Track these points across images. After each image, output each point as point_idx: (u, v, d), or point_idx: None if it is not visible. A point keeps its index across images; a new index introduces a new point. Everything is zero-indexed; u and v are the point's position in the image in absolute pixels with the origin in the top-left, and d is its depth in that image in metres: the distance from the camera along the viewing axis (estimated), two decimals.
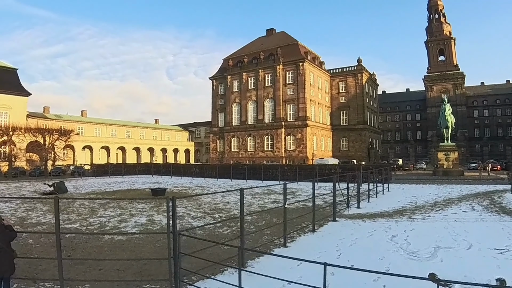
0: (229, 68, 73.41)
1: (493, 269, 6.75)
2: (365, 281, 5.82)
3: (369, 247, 8.65)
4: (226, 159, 70.31)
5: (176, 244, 5.53)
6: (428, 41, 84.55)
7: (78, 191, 23.05)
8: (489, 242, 8.87)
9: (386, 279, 5.81)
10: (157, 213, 14.00)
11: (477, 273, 6.36)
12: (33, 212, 13.75)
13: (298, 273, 6.21)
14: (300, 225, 11.14)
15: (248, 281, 5.51)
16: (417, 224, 11.62)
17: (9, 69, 51.03)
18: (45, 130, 40.87)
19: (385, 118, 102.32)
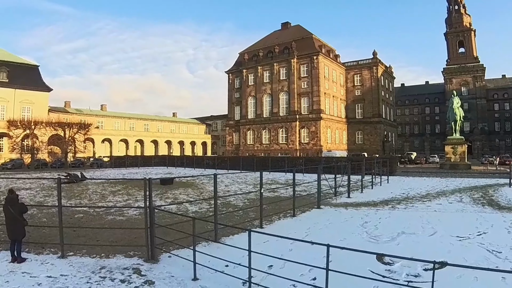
0: (245, 62, 74.37)
1: (442, 253, 7.39)
2: (317, 255, 6.68)
3: (337, 230, 9.65)
4: (242, 152, 71.58)
5: (151, 217, 6.77)
6: (447, 33, 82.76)
7: (93, 180, 24.79)
8: (455, 230, 9.48)
9: (337, 254, 6.68)
10: (160, 199, 15.37)
11: (425, 255, 6.83)
12: (50, 198, 15.41)
13: (261, 247, 7.24)
14: (284, 211, 12.22)
15: (217, 252, 6.65)
16: (396, 213, 12.45)
17: (31, 66, 53.69)
18: (65, 124, 43.27)
19: (404, 111, 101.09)
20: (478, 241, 8.37)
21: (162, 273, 6.21)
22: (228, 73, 79.23)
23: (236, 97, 77.03)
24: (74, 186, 20.34)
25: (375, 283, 5.39)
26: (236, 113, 77.12)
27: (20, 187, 19.07)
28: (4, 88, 48.26)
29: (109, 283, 5.71)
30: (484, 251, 7.63)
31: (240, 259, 6.13)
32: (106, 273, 6.20)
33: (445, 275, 5.78)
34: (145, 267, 6.50)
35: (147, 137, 70.99)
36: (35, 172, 31.71)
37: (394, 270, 6.42)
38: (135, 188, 19.34)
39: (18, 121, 44.24)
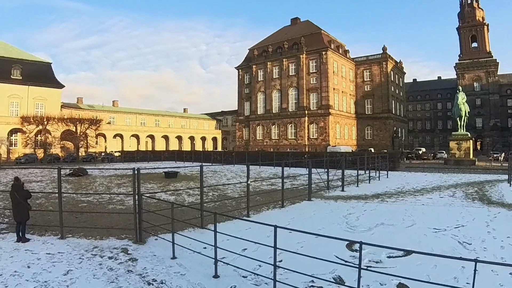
0: (254, 58, 74.85)
1: (413, 242, 7.80)
2: (291, 240, 7.31)
3: (319, 220, 10.27)
4: (252, 147, 72.25)
5: (139, 203, 7.54)
6: (460, 27, 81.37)
7: (102, 174, 25.86)
8: (434, 223, 9.84)
9: (312, 241, 7.29)
10: (161, 190, 16.21)
11: (395, 244, 7.11)
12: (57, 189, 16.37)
13: (242, 233, 7.88)
14: (274, 202, 12.89)
15: (200, 236, 7.35)
16: (382, 206, 12.92)
17: (44, 63, 55.36)
18: (77, 120, 44.75)
19: (415, 106, 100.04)
20: (453, 233, 8.70)
21: (146, 252, 6.99)
22: (238, 69, 79.81)
23: (246, 92, 77.62)
24: (83, 179, 21.41)
25: (335, 266, 5.85)
26: (246, 108, 77.72)
27: (32, 180, 20.22)
28: (18, 85, 49.94)
29: (98, 259, 6.50)
30: (455, 242, 7.97)
31: (220, 243, 6.78)
32: (98, 251, 7.01)
33: (407, 262, 6.34)
34: (132, 248, 7.29)
35: (158, 133, 72.34)
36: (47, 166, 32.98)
37: (359, 256, 6.93)
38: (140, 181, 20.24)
39: (31, 117, 45.89)
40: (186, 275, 5.78)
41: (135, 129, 68.33)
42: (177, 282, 5.49)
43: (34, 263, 6.28)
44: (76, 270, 5.97)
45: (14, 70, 50.31)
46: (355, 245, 7.31)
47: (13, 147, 48.22)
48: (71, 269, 5.98)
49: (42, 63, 55.07)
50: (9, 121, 47.83)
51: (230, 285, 5.37)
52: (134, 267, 6.13)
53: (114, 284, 5.36)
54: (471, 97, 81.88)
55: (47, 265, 6.20)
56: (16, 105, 49.96)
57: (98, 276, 5.71)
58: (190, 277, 5.67)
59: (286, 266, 5.64)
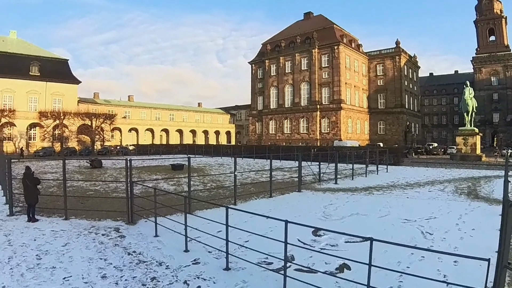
0: (267, 53, 75.54)
1: (378, 230, 8.35)
2: (263, 225, 8.14)
3: (299, 209, 11.19)
4: (264, 141, 73.22)
5: (131, 189, 8.69)
6: (477, 20, 79.56)
7: (114, 166, 27.37)
8: (408, 214, 10.38)
9: (281, 227, 8.17)
10: (165, 181, 17.43)
11: (361, 232, 7.54)
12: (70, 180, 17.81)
13: (223, 219, 8.88)
14: (264, 192, 13.88)
15: (193, 223, 8.36)
16: (366, 198, 13.68)
17: (61, 60, 57.64)
18: (92, 114, 46.76)
19: (431, 101, 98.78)
20: (421, 224, 9.22)
21: (134, 231, 8.16)
22: (251, 64, 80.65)
23: (259, 87, 78.48)
24: (95, 171, 22.92)
25: (292, 247, 6.26)
26: (259, 103, 78.64)
27: (47, 171, 21.89)
28: (36, 81, 52.29)
29: (93, 236, 7.72)
30: (418, 232, 8.51)
31: (201, 226, 7.78)
32: (94, 230, 8.23)
33: (361, 247, 6.92)
34: (124, 227, 8.48)
35: (172, 127, 74.13)
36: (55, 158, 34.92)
37: (319, 241, 7.72)
38: (147, 173, 21.62)
39: (48, 112, 48.17)
40: (161, 249, 6.90)
41: (150, 123, 70.29)
42: (152, 253, 6.61)
43: (39, 237, 7.53)
44: (73, 243, 7.18)
45: (32, 67, 52.61)
46: (319, 232, 8.21)
47: (32, 141, 50.74)
48: (69, 242, 7.20)
49: (59, 59, 57.36)
50: (28, 116, 50.18)
51: (195, 257, 6.42)
52: (121, 242, 7.30)
53: (101, 254, 6.52)
54: (488, 92, 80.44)
55: (50, 239, 7.44)
56: (34, 101, 52.29)
57: (90, 247, 6.90)
58: (164, 251, 6.78)
59: (250, 246, 6.44)
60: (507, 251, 3.35)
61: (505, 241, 3.32)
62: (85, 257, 6.34)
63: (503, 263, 3.31)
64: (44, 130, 47.02)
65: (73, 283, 5.21)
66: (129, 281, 5.29)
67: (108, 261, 6.14)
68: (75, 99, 56.36)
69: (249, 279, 5.46)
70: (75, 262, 6.08)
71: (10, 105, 49.39)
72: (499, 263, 3.33)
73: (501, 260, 3.31)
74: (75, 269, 5.74)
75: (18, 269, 5.71)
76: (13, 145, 45.28)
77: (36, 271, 5.66)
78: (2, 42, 53.76)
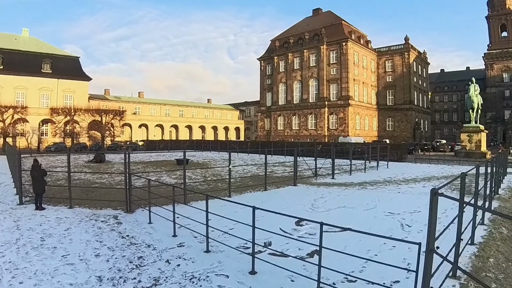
0: (276, 49, 75.85)
1: (359, 222, 8.74)
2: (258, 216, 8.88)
3: (289, 201, 11.76)
4: (273, 137, 73.72)
5: (129, 180, 9.43)
6: (489, 16, 78.17)
7: (121, 161, 28.29)
8: (394, 208, 10.71)
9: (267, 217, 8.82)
10: (167, 175, 18.22)
11: (343, 223, 7.72)
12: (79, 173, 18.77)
13: (218, 209, 9.33)
14: (259, 186, 14.52)
15: (181, 210, 9.06)
16: (358, 192, 14.15)
17: (72, 58, 59.13)
18: (102, 111, 47.97)
19: (442, 97, 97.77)
20: (403, 217, 9.58)
21: (131, 219, 8.92)
22: (260, 60, 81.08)
23: (267, 83, 78.92)
24: (103, 165, 23.89)
25: (272, 234, 6.81)
26: (267, 99, 79.10)
27: (57, 165, 22.90)
28: (48, 79, 53.81)
29: (93, 222, 8.50)
30: (398, 224, 8.94)
31: (193, 215, 8.41)
32: (95, 217, 9.03)
33: (338, 236, 7.54)
34: (122, 215, 9.24)
35: (182, 123, 75.23)
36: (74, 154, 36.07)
37: (299, 230, 8.29)
38: (153, 167, 22.48)
39: (59, 109, 49.59)
40: (152, 234, 7.62)
41: (159, 119, 71.52)
42: (143, 237, 7.34)
43: (45, 223, 8.35)
44: (74, 228, 7.97)
45: (44, 64, 54.13)
46: (302, 222, 8.80)
47: (44, 137, 52.21)
48: (70, 227, 7.99)
49: (70, 57, 58.85)
50: (40, 112, 51.71)
51: (181, 241, 7.12)
52: (117, 228, 8.05)
53: (97, 237, 7.28)
54: (500, 89, 79.34)
55: (54, 224, 8.26)
56: (46, 97, 53.88)
57: (89, 232, 7.68)
58: (154, 235, 7.50)
59: (234, 233, 7.04)
60: (433, 236, 3.91)
61: (432, 227, 3.88)
62: (83, 239, 7.11)
63: (430, 247, 3.87)
64: (55, 126, 48.48)
65: (70, 259, 5.96)
66: (118, 259, 6.02)
67: (103, 243, 6.89)
68: (86, 96, 57.71)
69: (224, 260, 6.12)
70: (74, 243, 6.85)
71: (22, 102, 50.93)
72: (427, 247, 3.88)
73: (428, 244, 3.86)
74: (73, 249, 6.51)
75: (23, 248, 6.50)
76: (26, 141, 46.82)
77: (39, 250, 6.44)
78: (15, 40, 55.36)
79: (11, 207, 10.26)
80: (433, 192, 3.90)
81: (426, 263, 3.83)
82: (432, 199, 3.80)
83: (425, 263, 3.81)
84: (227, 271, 5.59)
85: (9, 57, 50.98)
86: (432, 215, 3.77)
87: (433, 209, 3.77)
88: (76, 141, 46.92)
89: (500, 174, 17.08)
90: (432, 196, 3.89)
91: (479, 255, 6.47)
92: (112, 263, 5.81)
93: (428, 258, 3.83)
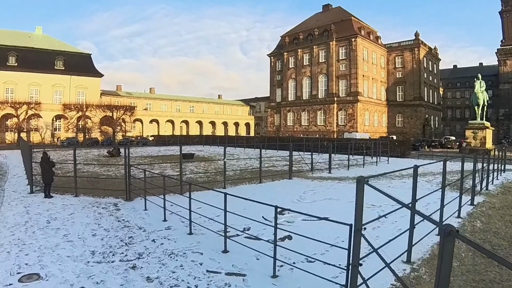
0: (286, 45, 76.22)
1: (338, 212, 8.92)
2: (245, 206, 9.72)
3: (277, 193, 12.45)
4: (282, 133, 74.35)
5: (129, 171, 10.33)
6: (502, 11, 76.74)
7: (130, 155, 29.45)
8: (377, 200, 10.52)
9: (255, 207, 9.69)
10: (171, 168, 19.16)
11: (322, 213, 8.68)
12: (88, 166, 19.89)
13: (212, 200, 10.18)
14: (255, 178, 15.30)
15: (176, 200, 9.92)
16: (348, 185, 14.60)
17: (84, 55, 60.67)
18: (113, 106, 49.41)
19: (455, 94, 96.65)
20: (383, 209, 9.79)
21: (129, 206, 9.84)
22: (270, 56, 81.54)
23: (277, 79, 79.40)
24: (112, 159, 25.00)
25: (252, 221, 7.39)
26: (277, 95, 79.58)
27: (68, 159, 24.02)
28: (61, 75, 55.40)
29: (94, 208, 9.45)
30: (376, 215, 9.04)
31: (185, 203, 9.16)
32: (97, 204, 9.99)
33: (313, 224, 8.21)
34: (121, 203, 10.17)
35: (192, 118, 76.38)
36: (86, 149, 37.50)
37: (280, 218, 8.92)
38: (160, 160, 23.49)
39: (72, 104, 51.31)
40: (145, 219, 8.52)
41: (170, 114, 72.75)
42: (137, 221, 8.24)
43: (51, 209, 9.34)
44: (77, 213, 8.93)
45: (57, 61, 55.75)
46: (284, 211, 9.51)
47: (57, 132, 54.07)
48: (74, 212, 8.96)
49: (82, 54, 60.41)
50: (53, 108, 53.36)
51: (169, 225, 7.99)
52: (115, 213, 8.98)
53: (96, 221, 8.22)
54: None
55: (59, 210, 9.25)
56: (59, 93, 55.45)
57: (90, 216, 8.63)
58: (147, 220, 8.40)
59: (219, 220, 7.77)
60: (360, 218, 4.61)
61: (358, 210, 4.59)
62: (84, 222, 8.06)
63: (356, 227, 4.58)
64: (68, 122, 50.16)
65: (70, 238, 6.90)
66: (112, 238, 6.93)
67: (101, 225, 7.82)
68: (98, 92, 59.13)
69: (203, 241, 6.95)
70: (75, 225, 7.79)
71: (36, 98, 52.70)
72: (354, 228, 4.59)
73: (355, 225, 4.58)
74: (74, 230, 7.45)
75: (31, 229, 7.47)
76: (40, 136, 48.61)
77: (44, 230, 7.40)
78: (29, 38, 57.08)
79: (22, 195, 11.32)
80: (358, 180, 4.56)
81: (354, 241, 4.53)
82: (358, 186, 4.49)
83: (354, 242, 4.51)
84: (203, 249, 6.42)
85: (23, 55, 52.68)
86: (358, 200, 4.46)
87: (359, 195, 4.47)
88: (88, 136, 48.47)
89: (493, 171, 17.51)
90: (358, 184, 4.55)
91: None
92: (105, 241, 6.71)
93: (356, 237, 4.53)
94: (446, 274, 2.28)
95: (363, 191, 4.53)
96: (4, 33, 55.27)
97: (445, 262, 2.27)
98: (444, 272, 2.28)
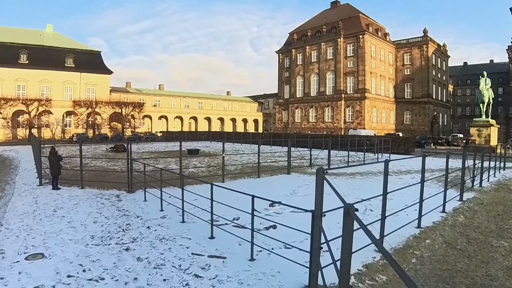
0: (294, 42, 76.38)
1: (327, 205, 9.92)
2: (239, 198, 10.30)
3: (272, 187, 13.07)
4: (290, 129, 74.68)
5: (131, 164, 11.03)
6: None
7: (138, 150, 30.30)
8: (367, 195, 10.34)
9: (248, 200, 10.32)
10: (175, 163, 19.87)
11: (306, 205, 9.25)
12: (95, 161, 20.75)
13: (207, 193, 10.92)
14: (254, 173, 15.89)
15: (175, 192, 10.50)
16: (345, 181, 15.22)
17: (94, 52, 61.74)
18: (122, 103, 50.40)
19: (465, 91, 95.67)
20: (371, 203, 10.14)
21: (130, 197, 10.55)
22: (278, 53, 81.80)
23: (285, 76, 79.64)
24: (119, 154, 25.86)
25: (242, 212, 7.71)
26: (285, 91, 79.84)
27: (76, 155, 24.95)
28: (71, 72, 56.59)
29: (98, 200, 10.17)
30: (363, 209, 9.86)
31: (187, 197, 9.84)
32: (100, 195, 10.73)
33: (299, 215, 8.68)
34: (123, 195, 10.89)
35: (201, 114, 77.20)
36: (96, 145, 38.55)
37: (269, 209, 9.61)
38: (165, 155, 24.24)
39: (82, 101, 52.51)
40: (144, 208, 9.20)
41: (179, 111, 73.64)
42: (135, 211, 8.93)
43: (58, 199, 10.09)
44: (82, 203, 9.66)
45: (67, 58, 56.96)
46: (275, 204, 10.05)
47: (67, 128, 55.39)
48: (78, 203, 9.70)
49: (92, 51, 61.56)
50: (63, 105, 54.57)
51: (165, 214, 8.65)
52: (117, 204, 9.68)
53: (99, 210, 8.95)
54: None
55: (66, 200, 10.01)
56: (70, 90, 56.62)
57: (93, 206, 9.35)
58: (145, 210, 9.09)
59: (213, 211, 8.43)
60: (319, 205, 5.12)
61: (318, 199, 5.12)
62: (87, 211, 8.78)
63: (316, 214, 5.12)
64: (78, 118, 51.38)
65: (73, 224, 7.63)
66: (111, 225, 7.63)
67: (102, 214, 8.54)
68: (107, 89, 60.21)
69: (193, 228, 7.59)
70: (79, 214, 8.52)
71: (47, 95, 54.02)
72: (314, 214, 5.11)
73: (315, 211, 5.12)
74: (77, 217, 8.18)
75: (39, 217, 8.22)
76: (50, 132, 49.92)
77: (51, 218, 8.15)
78: (40, 36, 58.38)
79: (32, 187, 12.15)
80: (317, 171, 5.07)
81: (314, 227, 5.06)
82: (317, 177, 5.02)
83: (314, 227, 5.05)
84: (192, 235, 7.06)
85: (34, 53, 53.97)
86: (317, 190, 5.00)
87: (318, 184, 5.00)
88: (98, 132, 49.61)
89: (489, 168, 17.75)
90: (317, 175, 5.07)
91: (418, 236, 7.56)
92: (105, 228, 7.42)
93: (315, 223, 5.06)
94: (347, 246, 2.85)
95: (322, 181, 5.03)
96: (15, 31, 56.74)
97: (347, 235, 2.84)
98: (346, 245, 2.85)
